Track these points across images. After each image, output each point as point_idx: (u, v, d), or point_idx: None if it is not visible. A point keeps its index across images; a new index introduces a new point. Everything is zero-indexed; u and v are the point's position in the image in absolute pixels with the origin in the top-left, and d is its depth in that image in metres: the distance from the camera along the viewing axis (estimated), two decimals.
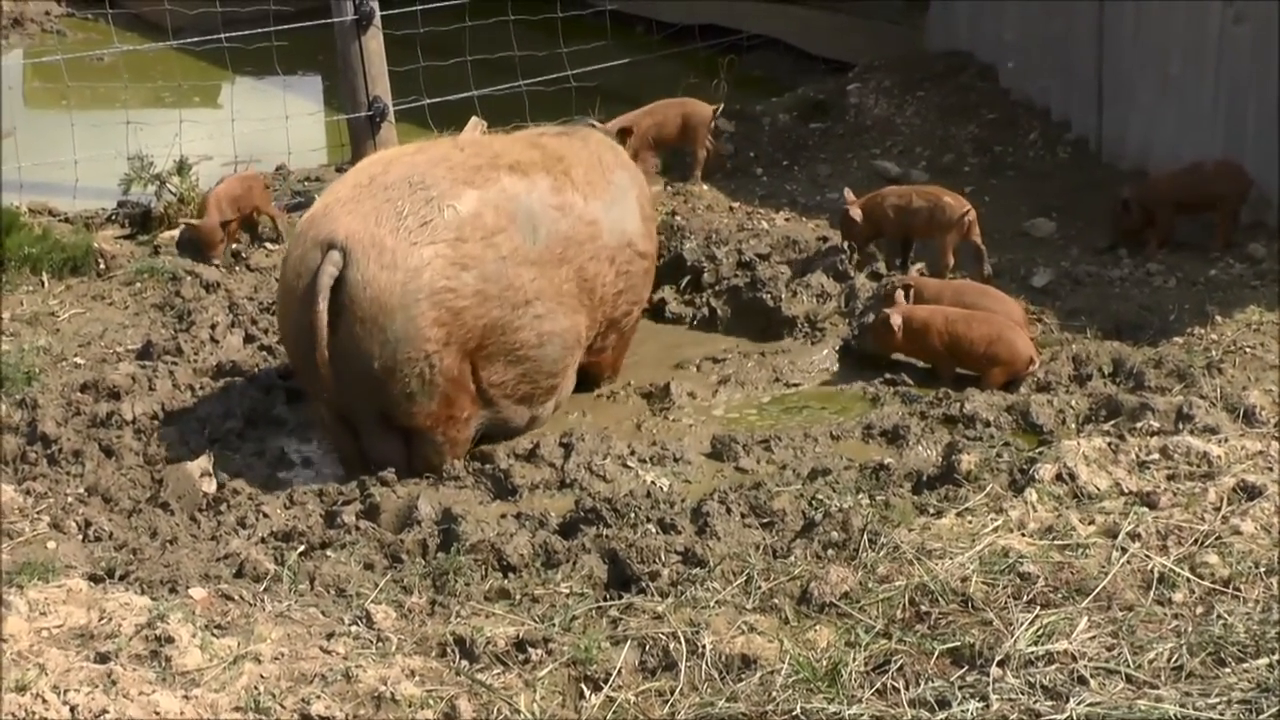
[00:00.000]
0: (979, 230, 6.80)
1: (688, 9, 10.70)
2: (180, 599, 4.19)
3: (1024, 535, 4.40)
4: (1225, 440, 4.96)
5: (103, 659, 3.77)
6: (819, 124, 8.77)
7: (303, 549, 4.79)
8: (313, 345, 5.05)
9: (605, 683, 3.81)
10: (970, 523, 4.53)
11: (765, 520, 4.76)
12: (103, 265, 7.21)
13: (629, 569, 4.45)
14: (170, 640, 3.82)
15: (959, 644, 3.86)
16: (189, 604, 4.13)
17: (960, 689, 3.67)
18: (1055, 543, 4.33)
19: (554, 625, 4.09)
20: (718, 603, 4.16)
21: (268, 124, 8.60)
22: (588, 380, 6.07)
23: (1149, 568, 4.16)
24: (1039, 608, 3.99)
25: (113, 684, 3.63)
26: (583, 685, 3.83)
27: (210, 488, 5.30)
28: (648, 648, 3.95)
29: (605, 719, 3.72)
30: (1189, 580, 4.09)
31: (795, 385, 6.21)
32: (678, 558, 4.49)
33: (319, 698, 3.65)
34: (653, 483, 5.23)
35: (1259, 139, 7.12)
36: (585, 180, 5.71)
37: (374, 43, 8.17)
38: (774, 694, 3.71)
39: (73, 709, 3.54)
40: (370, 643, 3.98)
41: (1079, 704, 3.54)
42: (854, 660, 3.82)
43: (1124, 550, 4.24)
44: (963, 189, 7.44)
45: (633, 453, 5.45)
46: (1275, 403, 5.39)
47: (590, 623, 4.14)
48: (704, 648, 3.90)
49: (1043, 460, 4.84)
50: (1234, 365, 5.87)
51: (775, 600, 4.16)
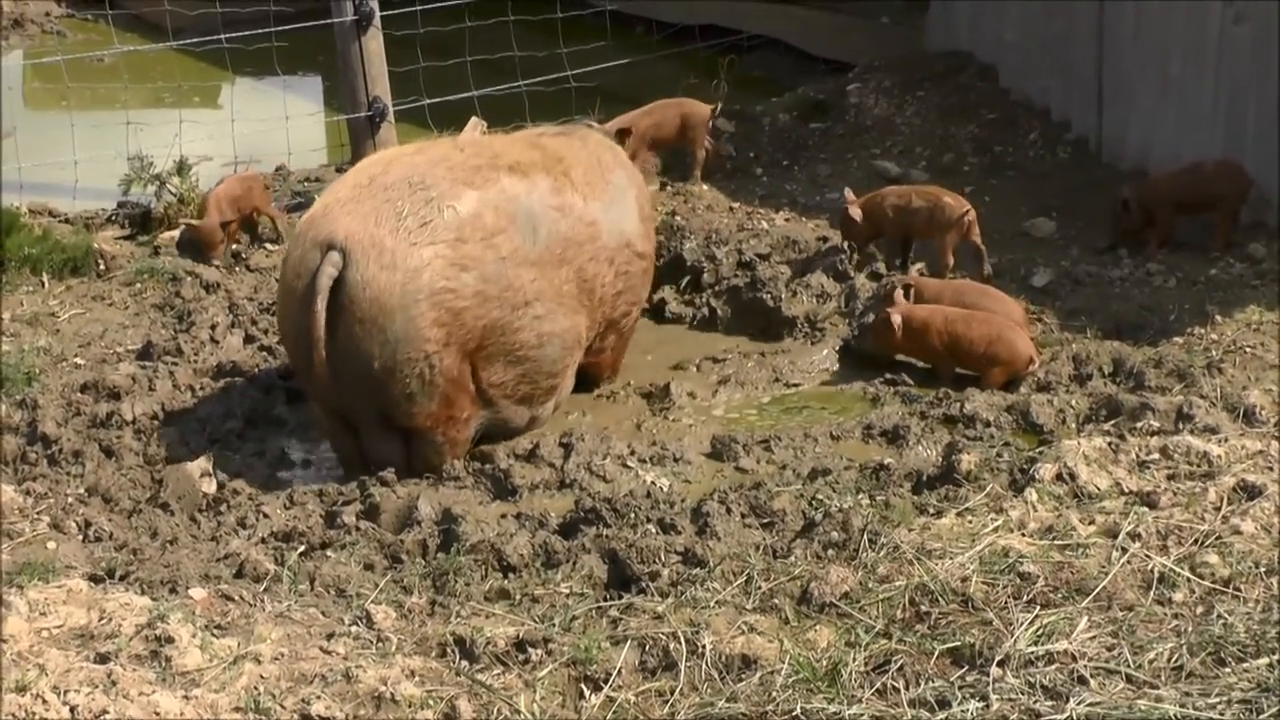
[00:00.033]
0: (979, 230, 6.80)
1: (688, 9, 10.69)
2: (180, 599, 4.19)
3: (1024, 535, 4.39)
4: (1225, 440, 4.95)
5: (103, 659, 3.77)
6: (819, 124, 8.76)
7: (303, 549, 4.79)
8: (311, 345, 5.05)
9: (605, 683, 3.81)
10: (970, 523, 4.53)
11: (765, 520, 4.76)
12: (103, 266, 7.21)
13: (629, 569, 4.44)
14: (170, 640, 3.82)
15: (959, 644, 3.85)
16: (189, 604, 4.13)
17: (960, 689, 3.67)
18: (1055, 542, 4.32)
19: (554, 625, 4.08)
20: (718, 603, 4.15)
21: (268, 124, 8.59)
22: (587, 380, 6.07)
23: (1149, 567, 4.15)
24: (1039, 607, 3.99)
25: (113, 684, 3.63)
26: (583, 685, 3.83)
27: (210, 488, 5.30)
28: (648, 648, 3.94)
29: (605, 719, 3.72)
30: (1189, 580, 4.09)
31: (795, 385, 6.21)
32: (678, 558, 4.49)
33: (319, 698, 3.65)
34: (653, 483, 5.23)
35: (1259, 139, 7.12)
36: (585, 181, 5.71)
37: (374, 43, 8.17)
38: (774, 694, 3.71)
39: (73, 709, 3.54)
40: (370, 643, 3.98)
41: (1079, 704, 3.54)
42: (854, 660, 3.82)
43: (1124, 550, 4.24)
44: (963, 189, 7.44)
45: (633, 453, 5.45)
46: (1275, 402, 5.38)
47: (590, 623, 4.14)
48: (704, 648, 3.89)
49: (1043, 460, 4.84)
50: (1234, 365, 5.87)
51: (775, 600, 4.16)
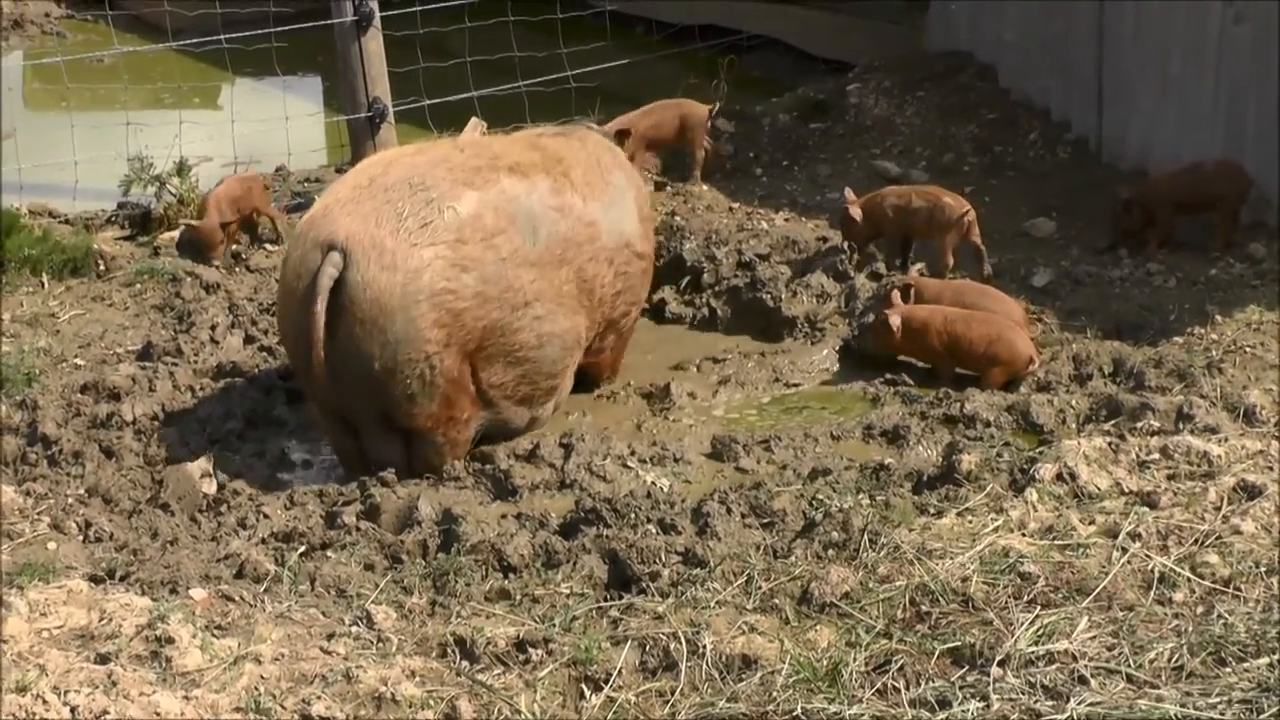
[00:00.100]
0: (978, 230, 6.80)
1: (687, 9, 10.69)
2: (181, 600, 4.19)
3: (1024, 535, 4.39)
4: (1225, 440, 4.95)
5: (103, 660, 3.77)
6: (819, 124, 8.76)
7: (303, 550, 4.79)
8: (311, 346, 5.05)
9: (606, 683, 3.81)
10: (971, 523, 4.53)
11: (765, 520, 4.76)
12: (103, 266, 7.21)
13: (629, 569, 4.44)
14: (171, 641, 3.82)
15: (959, 644, 3.85)
16: (189, 605, 4.13)
17: (961, 689, 3.67)
18: (1056, 542, 4.32)
19: (554, 625, 4.08)
20: (718, 603, 4.15)
21: (267, 125, 8.59)
22: (587, 381, 6.07)
23: (1149, 567, 4.15)
24: (1039, 607, 3.99)
25: (113, 685, 3.63)
26: (583, 685, 3.83)
27: (210, 489, 5.30)
28: (648, 648, 3.94)
29: (605, 719, 3.72)
30: (1189, 580, 4.09)
31: (795, 385, 6.21)
32: (678, 558, 4.49)
33: (319, 698, 3.65)
34: (653, 483, 5.23)
35: (1259, 139, 7.11)
36: (584, 181, 5.71)
37: (374, 44, 8.17)
38: (774, 694, 3.71)
39: (73, 710, 3.54)
40: (371, 643, 3.98)
41: (1079, 704, 3.54)
42: (854, 660, 3.82)
43: (1124, 550, 4.23)
44: (963, 189, 7.43)
45: (633, 453, 5.45)
46: (1275, 402, 5.38)
47: (591, 623, 4.14)
48: (704, 648, 3.89)
49: (1043, 460, 4.84)
50: (1234, 365, 5.87)
51: (776, 600, 4.16)
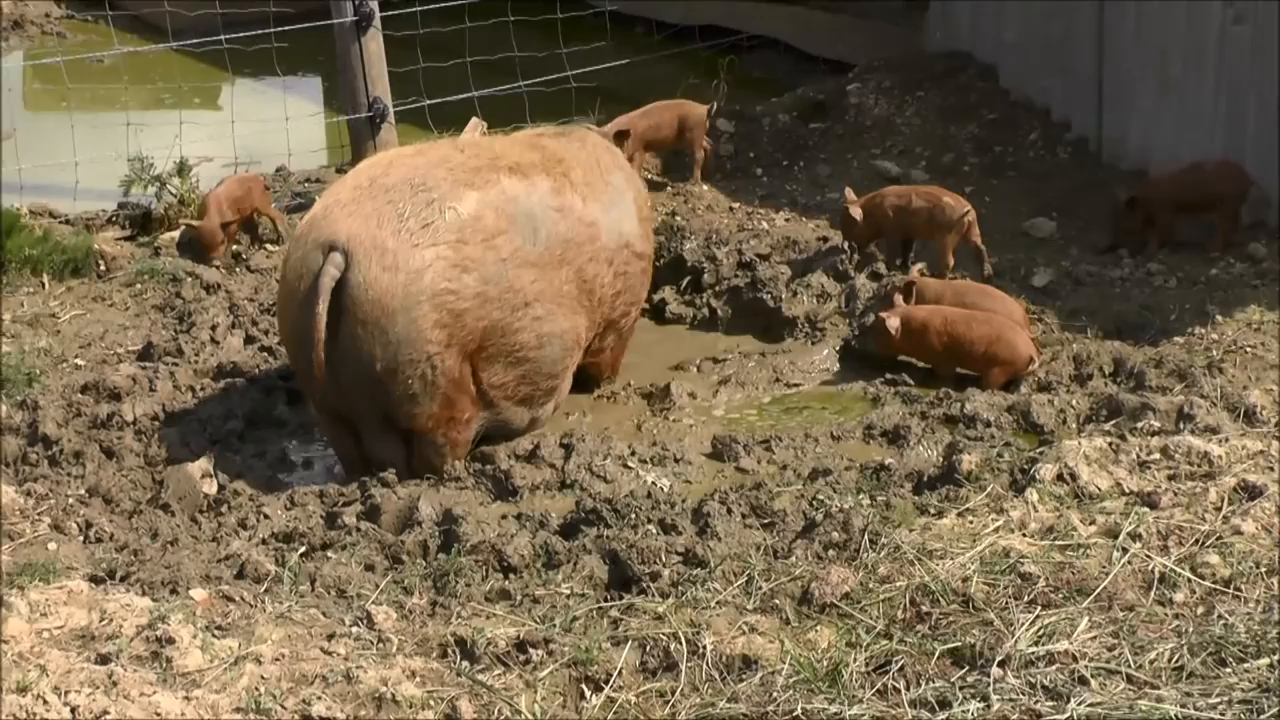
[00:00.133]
0: (979, 231, 6.80)
1: (688, 10, 10.69)
2: (181, 600, 4.19)
3: (1025, 535, 4.39)
4: (1226, 440, 4.95)
5: (104, 660, 3.77)
6: (819, 124, 8.75)
7: (303, 550, 4.79)
8: (312, 347, 5.05)
9: (606, 683, 3.81)
10: (971, 523, 4.53)
11: (766, 521, 4.76)
12: (103, 267, 7.22)
13: (630, 569, 4.44)
14: (171, 641, 3.82)
15: (960, 644, 3.85)
16: (190, 605, 4.12)
17: (961, 689, 3.67)
18: (1056, 543, 4.32)
19: (555, 626, 4.08)
20: (718, 603, 4.15)
21: (268, 125, 8.59)
22: (587, 381, 6.07)
23: (1150, 568, 4.15)
24: (1040, 608, 3.99)
25: (114, 685, 3.63)
26: (583, 686, 3.83)
27: (211, 489, 5.30)
28: (648, 648, 3.94)
29: (606, 719, 3.72)
30: (1190, 580, 4.09)
31: (796, 385, 6.21)
32: (678, 558, 4.49)
33: (320, 699, 3.65)
34: (653, 483, 5.23)
35: (1259, 139, 7.12)
36: (584, 182, 5.71)
37: (374, 44, 8.17)
38: (775, 694, 3.71)
39: (73, 710, 3.54)
40: (371, 644, 3.98)
41: (1080, 704, 3.54)
42: (855, 661, 3.82)
43: (1125, 550, 4.23)
44: (963, 189, 7.43)
45: (633, 453, 5.45)
46: (1276, 402, 5.38)
47: (591, 623, 4.14)
48: (705, 648, 3.89)
49: (1044, 460, 4.84)
50: (1235, 365, 5.87)
51: (776, 601, 4.16)
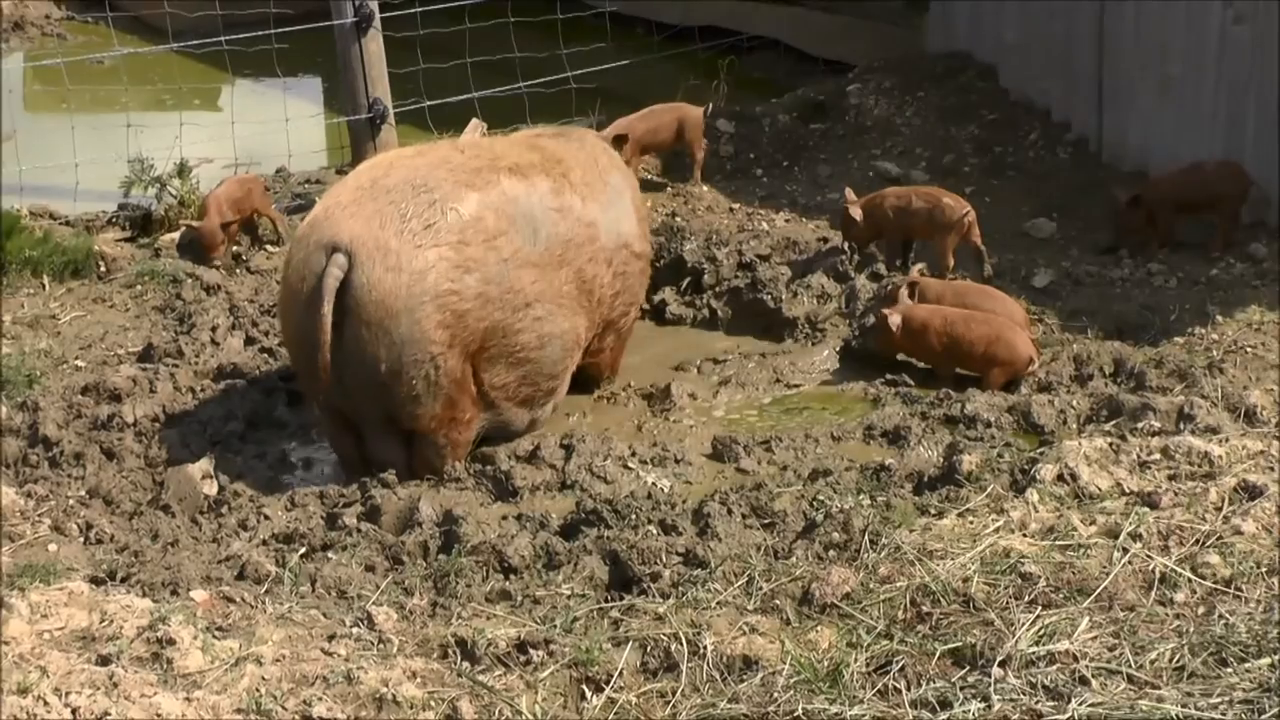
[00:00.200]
0: (979, 231, 6.80)
1: (688, 10, 10.70)
2: (182, 601, 4.19)
3: (1025, 536, 4.39)
4: (1226, 440, 4.95)
5: (104, 661, 3.77)
6: (819, 125, 8.76)
7: (304, 551, 4.79)
8: (316, 348, 5.05)
9: (607, 684, 3.81)
10: (971, 523, 4.52)
11: (766, 521, 4.76)
12: (103, 268, 7.22)
13: (630, 570, 4.44)
14: (172, 642, 3.82)
15: (960, 644, 3.85)
16: (190, 606, 4.12)
17: (962, 689, 3.67)
18: (1057, 543, 4.32)
19: (555, 626, 4.08)
20: (719, 604, 4.15)
21: (268, 126, 8.60)
22: (587, 381, 6.07)
23: (1150, 568, 4.15)
24: (1040, 608, 3.99)
25: (114, 686, 3.63)
26: (584, 686, 3.83)
27: (211, 490, 5.30)
28: (649, 649, 3.94)
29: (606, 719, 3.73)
30: (1190, 580, 4.09)
31: (796, 386, 6.21)
32: (679, 559, 4.49)
33: (320, 699, 3.65)
34: (654, 484, 5.23)
35: (1259, 139, 7.12)
36: (583, 182, 5.71)
37: (374, 45, 8.18)
38: (775, 695, 3.71)
39: (74, 711, 3.54)
40: (372, 644, 3.98)
41: (1080, 704, 3.54)
42: (855, 661, 3.82)
43: (1125, 550, 4.23)
44: (963, 190, 7.44)
45: (634, 454, 5.45)
46: (1276, 402, 5.38)
47: (592, 624, 4.14)
48: (705, 649, 3.89)
49: (1044, 460, 4.83)
50: (1235, 365, 5.87)
51: (776, 601, 4.16)
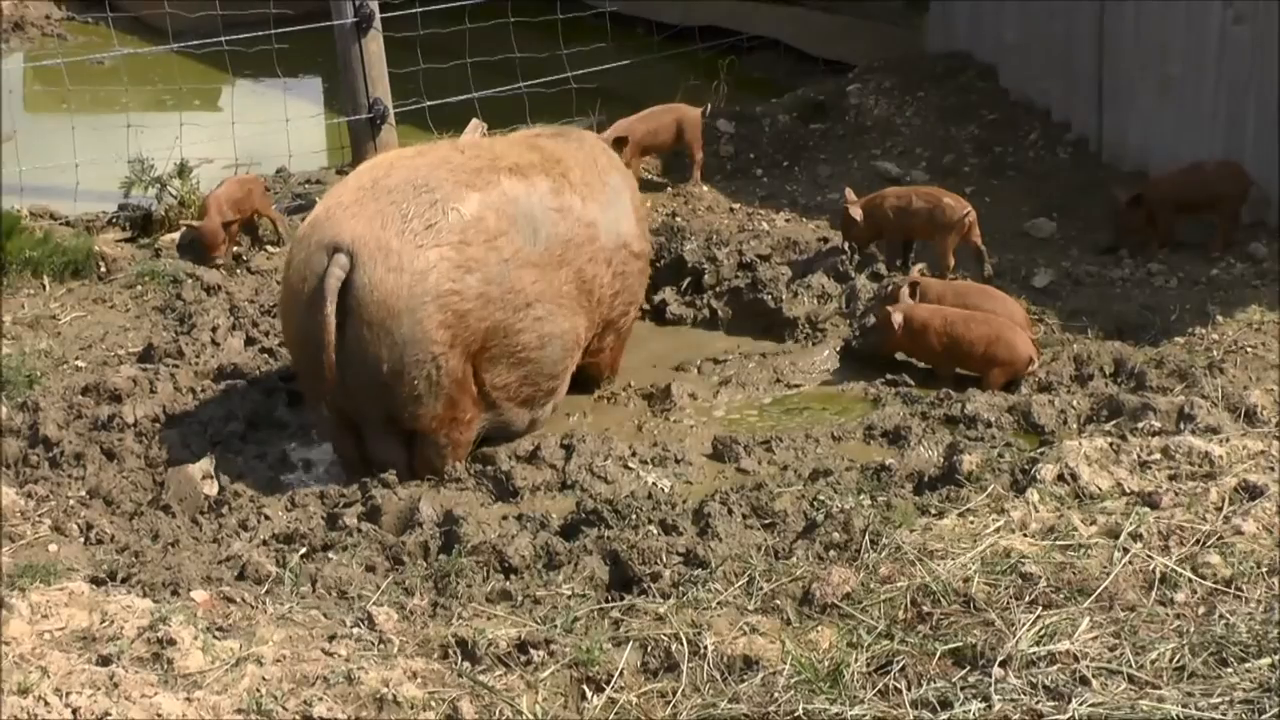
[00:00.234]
0: (979, 231, 6.80)
1: (688, 10, 10.70)
2: (182, 601, 4.19)
3: (1026, 536, 4.39)
4: (1227, 440, 4.95)
5: (105, 661, 3.77)
6: (819, 125, 8.76)
7: (304, 551, 4.79)
8: (320, 348, 5.05)
9: (607, 684, 3.81)
10: (972, 523, 4.52)
11: (767, 521, 4.76)
12: (104, 268, 7.22)
13: (630, 570, 4.45)
14: (172, 642, 3.82)
15: (961, 644, 3.85)
16: (191, 606, 4.12)
17: (962, 689, 3.67)
18: (1057, 543, 4.32)
19: (556, 627, 4.08)
20: (719, 604, 4.15)
21: (268, 127, 8.60)
22: (587, 381, 6.07)
23: (1151, 568, 4.15)
24: (1041, 608, 3.99)
25: (115, 686, 3.63)
26: (585, 686, 3.83)
27: (212, 490, 5.30)
28: (649, 649, 3.94)
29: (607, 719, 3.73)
30: (1191, 580, 4.08)
31: (796, 386, 6.21)
32: (679, 559, 4.49)
33: (321, 700, 3.64)
34: (654, 484, 5.23)
35: (1259, 139, 7.12)
36: (582, 182, 5.71)
37: (374, 45, 8.18)
38: (776, 695, 3.71)
39: (75, 711, 3.54)
40: (372, 645, 3.98)
41: (1081, 704, 3.54)
42: (856, 661, 3.82)
43: (1126, 550, 4.23)
44: (963, 190, 7.44)
45: (634, 454, 5.45)
46: (1277, 402, 5.38)
47: (592, 624, 4.14)
48: (706, 649, 3.89)
49: (1044, 461, 4.83)
50: (1235, 365, 5.87)
51: (777, 601, 4.16)
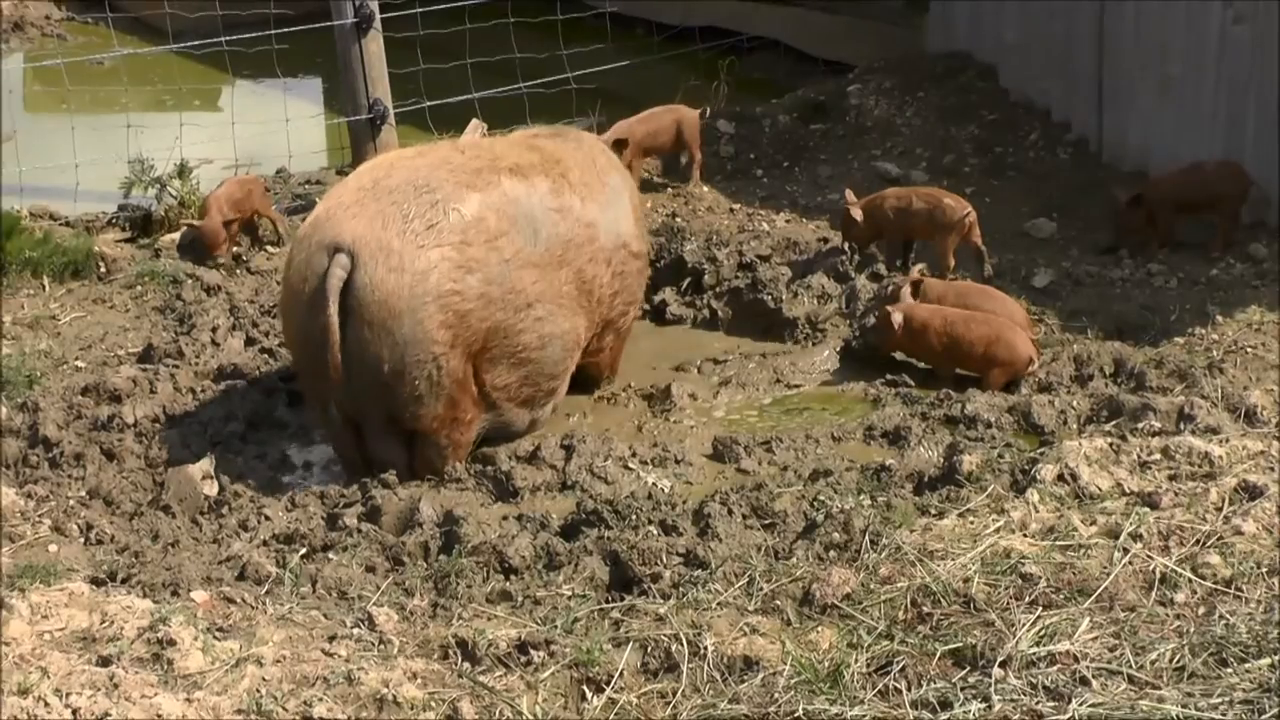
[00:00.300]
0: (979, 231, 6.80)
1: (688, 10, 10.70)
2: (182, 602, 4.19)
3: (1026, 536, 4.39)
4: (1227, 440, 4.95)
5: (105, 662, 3.77)
6: (819, 125, 8.76)
7: (304, 551, 4.79)
8: (323, 349, 5.05)
9: (607, 684, 3.81)
10: (972, 524, 4.52)
11: (767, 522, 4.76)
12: (103, 269, 7.22)
13: (631, 571, 4.44)
14: (172, 643, 3.82)
15: (961, 645, 3.85)
16: (191, 607, 4.12)
17: (962, 690, 3.67)
18: (1057, 543, 4.32)
19: (556, 627, 4.08)
20: (720, 604, 4.15)
21: (268, 127, 8.60)
22: (587, 381, 6.07)
23: (1151, 568, 4.15)
24: (1041, 608, 3.99)
25: (115, 687, 3.63)
26: (585, 687, 3.83)
27: (212, 490, 5.30)
28: (650, 649, 3.94)
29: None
30: (1191, 581, 4.09)
31: (796, 387, 6.21)
32: (679, 559, 4.49)
33: (321, 700, 3.65)
34: (654, 484, 5.23)
35: (1259, 139, 7.12)
36: (582, 182, 5.72)
37: (374, 45, 8.18)
38: (776, 695, 3.71)
39: (74, 712, 3.54)
40: (372, 645, 3.98)
41: (1081, 705, 3.54)
42: (856, 661, 3.82)
43: (1126, 551, 4.23)
44: (963, 190, 7.44)
45: (634, 454, 5.45)
46: (1276, 402, 5.38)
47: (592, 624, 4.14)
48: (706, 649, 3.89)
49: (1044, 461, 4.83)
50: (1235, 365, 5.87)
51: (777, 602, 4.16)
